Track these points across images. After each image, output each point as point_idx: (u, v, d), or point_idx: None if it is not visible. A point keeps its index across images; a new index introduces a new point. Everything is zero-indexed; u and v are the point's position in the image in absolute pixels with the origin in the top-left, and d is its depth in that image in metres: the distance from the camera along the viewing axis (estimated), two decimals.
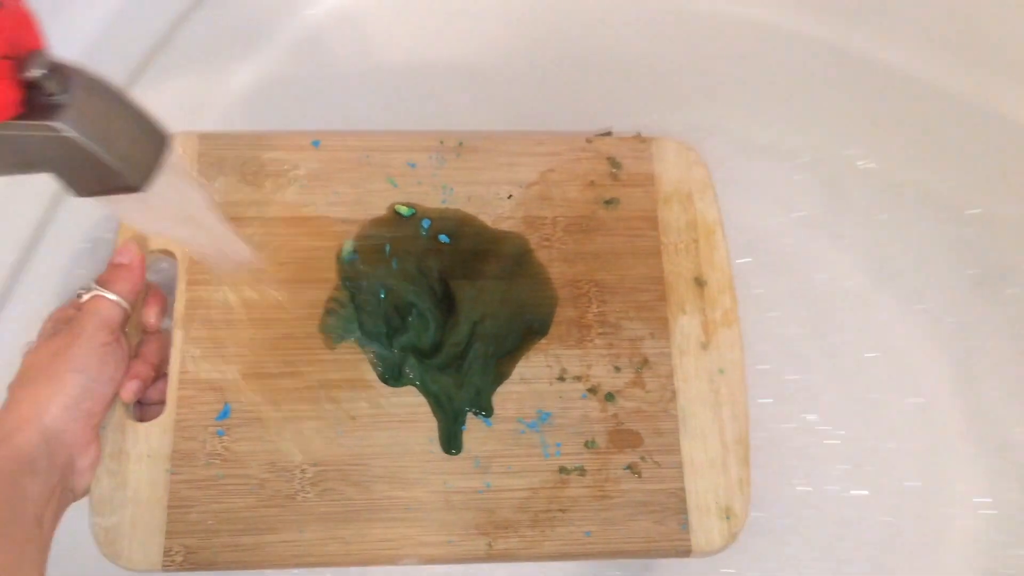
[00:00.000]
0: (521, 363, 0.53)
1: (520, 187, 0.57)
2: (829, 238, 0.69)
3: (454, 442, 0.51)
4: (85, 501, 0.49)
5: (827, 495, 0.62)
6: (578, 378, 0.53)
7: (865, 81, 0.67)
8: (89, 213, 0.57)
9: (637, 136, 0.60)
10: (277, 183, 0.56)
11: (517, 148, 0.58)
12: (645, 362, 0.54)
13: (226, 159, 0.56)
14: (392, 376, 0.52)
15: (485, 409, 0.52)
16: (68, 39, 0.51)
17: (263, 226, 0.55)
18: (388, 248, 0.55)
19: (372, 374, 0.52)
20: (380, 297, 0.53)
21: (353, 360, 0.52)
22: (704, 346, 0.54)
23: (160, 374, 0.52)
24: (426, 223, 0.55)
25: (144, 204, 0.41)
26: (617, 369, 0.54)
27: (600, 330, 0.54)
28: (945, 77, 0.64)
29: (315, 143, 0.57)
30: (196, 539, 0.49)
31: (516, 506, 0.50)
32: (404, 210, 0.56)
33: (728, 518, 0.51)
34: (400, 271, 0.54)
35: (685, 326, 0.55)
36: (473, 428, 0.52)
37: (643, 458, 0.52)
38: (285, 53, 0.65)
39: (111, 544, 0.48)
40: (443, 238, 0.55)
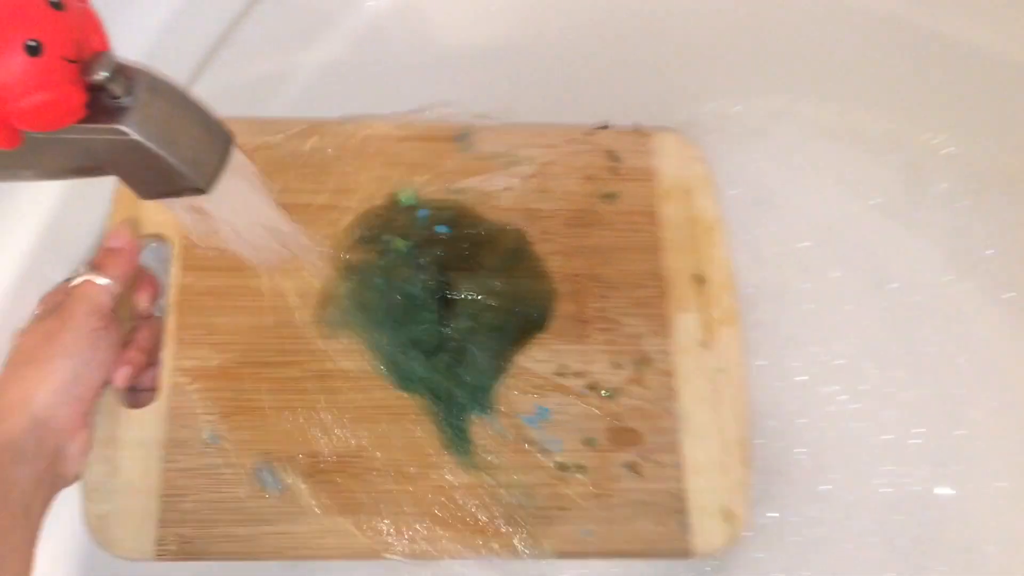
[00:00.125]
0: (519, 358, 0.53)
1: (519, 180, 0.56)
2: (907, 226, 0.65)
3: (458, 440, 0.51)
4: (79, 487, 0.48)
5: (909, 496, 0.59)
6: (578, 374, 0.53)
7: (945, 62, 0.63)
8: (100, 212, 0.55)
9: (636, 129, 0.59)
10: (273, 168, 0.54)
11: (517, 140, 0.57)
12: (645, 359, 0.53)
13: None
14: (391, 369, 0.52)
15: (487, 406, 0.52)
16: (131, 36, 0.50)
17: None
18: (386, 238, 0.54)
19: (369, 365, 0.52)
20: (377, 287, 0.53)
21: (350, 351, 0.52)
22: (704, 345, 0.54)
23: (153, 361, 0.51)
24: (424, 213, 0.55)
25: (208, 205, 0.40)
26: (617, 366, 0.53)
27: (600, 326, 0.54)
28: None
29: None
30: (190, 528, 0.48)
31: (514, 503, 0.50)
32: (405, 198, 0.55)
33: (729, 520, 0.51)
34: (398, 261, 0.53)
35: (685, 324, 0.54)
36: (471, 423, 0.51)
37: (643, 457, 0.52)
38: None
39: (104, 532, 0.48)
40: (441, 229, 0.54)
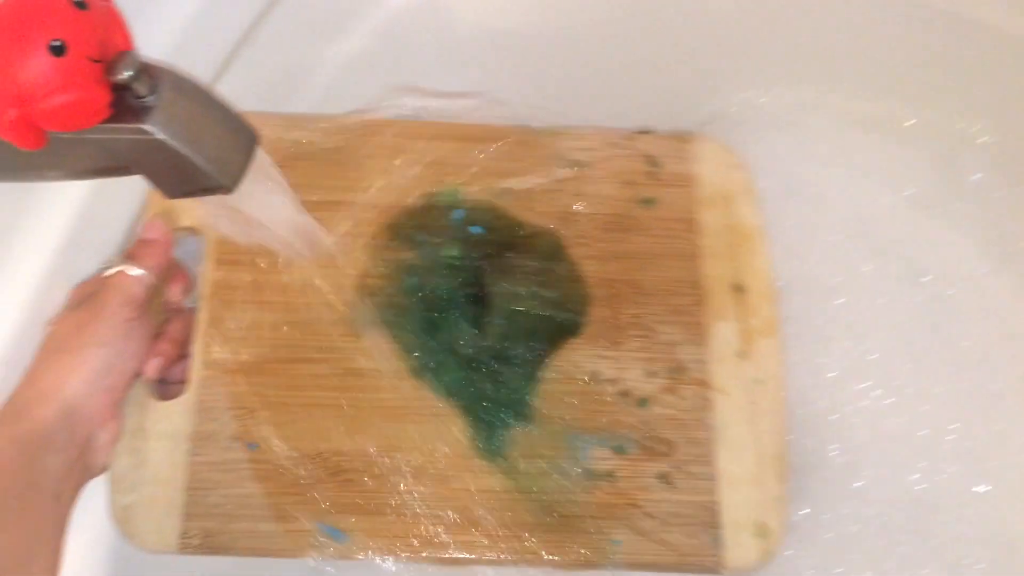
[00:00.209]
0: (551, 363, 0.52)
1: (556, 182, 0.56)
2: (941, 217, 0.63)
3: (489, 444, 0.50)
4: (105, 477, 0.48)
5: (945, 492, 0.57)
6: (610, 381, 0.52)
7: (979, 48, 0.61)
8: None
9: (678, 136, 0.58)
10: (307, 165, 0.54)
11: (555, 141, 0.57)
12: (680, 368, 0.52)
13: (278, 140, 0.55)
14: (422, 370, 0.51)
15: (520, 411, 0.51)
16: (156, 33, 0.50)
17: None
18: (421, 237, 0.53)
19: (399, 365, 0.51)
20: (410, 287, 0.52)
21: (380, 350, 0.51)
22: (742, 355, 0.53)
23: (183, 353, 0.51)
24: (459, 214, 0.54)
25: (232, 203, 0.40)
26: (651, 374, 0.52)
27: (634, 333, 0.53)
28: None
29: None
30: (214, 523, 0.48)
31: (541, 510, 0.49)
32: (447, 198, 0.54)
33: (763, 535, 0.49)
34: (431, 261, 0.53)
35: (723, 333, 0.53)
36: (503, 428, 0.50)
37: (675, 468, 0.50)
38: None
39: (128, 523, 0.48)
40: (476, 230, 0.54)
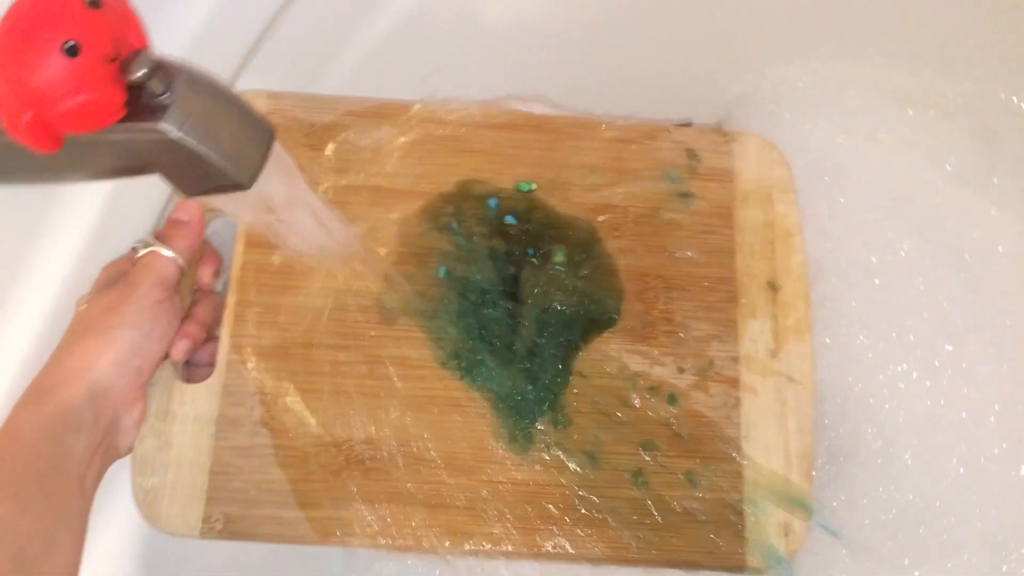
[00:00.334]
0: (582, 356, 0.51)
1: (592, 172, 0.55)
2: (983, 193, 0.61)
3: (520, 435, 0.49)
4: (129, 459, 0.48)
5: (987, 475, 0.56)
6: (641, 376, 0.51)
7: (1021, 13, 0.59)
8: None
9: (718, 129, 0.57)
10: (343, 148, 0.54)
11: (591, 132, 0.56)
12: (710, 365, 0.52)
13: (296, 121, 0.54)
14: (454, 360, 0.50)
15: (555, 409, 0.50)
16: (184, 16, 0.50)
17: (324, 191, 0.53)
18: (455, 225, 0.53)
19: (428, 354, 0.51)
20: (443, 275, 0.52)
21: (410, 338, 0.51)
22: (773, 354, 0.52)
23: (211, 336, 0.51)
24: (493, 202, 0.53)
25: (250, 199, 0.40)
26: (681, 370, 0.52)
27: (665, 328, 0.52)
28: None
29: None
30: (237, 508, 0.48)
31: (567, 503, 0.49)
32: (482, 186, 0.54)
33: (787, 535, 0.49)
34: (467, 251, 0.52)
35: (754, 331, 0.53)
36: (533, 419, 0.50)
37: (703, 465, 0.50)
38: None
39: (151, 506, 0.47)
40: (510, 219, 0.53)
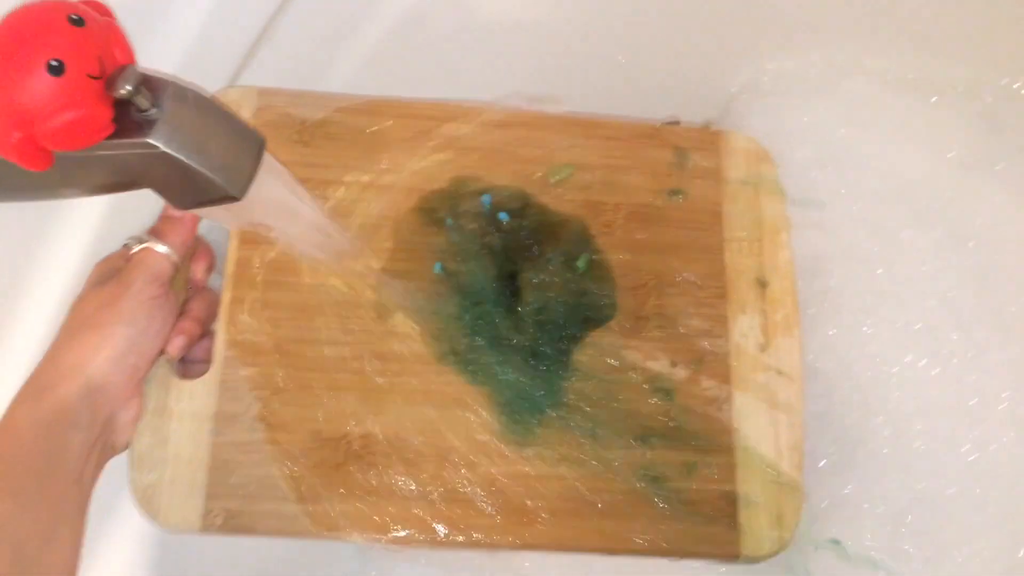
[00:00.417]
0: (577, 352, 0.52)
1: (583, 171, 0.56)
2: (986, 179, 0.61)
3: (517, 429, 0.50)
4: (127, 456, 0.48)
5: (1000, 461, 0.56)
6: (634, 370, 0.52)
7: None
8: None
9: (706, 128, 0.58)
10: (335, 145, 0.54)
11: (581, 130, 0.57)
12: (702, 359, 0.53)
13: (287, 116, 0.54)
14: (449, 355, 0.51)
15: (552, 404, 0.51)
16: (183, 18, 0.50)
17: (316, 187, 0.53)
18: (450, 221, 0.53)
19: (425, 349, 0.51)
20: (439, 271, 0.52)
21: (406, 334, 0.51)
22: (763, 348, 0.53)
23: (206, 332, 0.51)
24: (487, 199, 0.54)
25: (243, 209, 0.40)
26: (673, 364, 0.53)
27: (658, 323, 0.53)
28: None
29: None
30: (237, 503, 0.48)
31: (563, 495, 0.50)
32: (475, 183, 0.54)
33: (779, 525, 0.50)
34: (462, 247, 0.53)
35: (744, 326, 0.54)
36: (529, 414, 0.51)
37: (695, 457, 0.51)
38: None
39: (150, 502, 0.47)
40: (503, 216, 0.54)
